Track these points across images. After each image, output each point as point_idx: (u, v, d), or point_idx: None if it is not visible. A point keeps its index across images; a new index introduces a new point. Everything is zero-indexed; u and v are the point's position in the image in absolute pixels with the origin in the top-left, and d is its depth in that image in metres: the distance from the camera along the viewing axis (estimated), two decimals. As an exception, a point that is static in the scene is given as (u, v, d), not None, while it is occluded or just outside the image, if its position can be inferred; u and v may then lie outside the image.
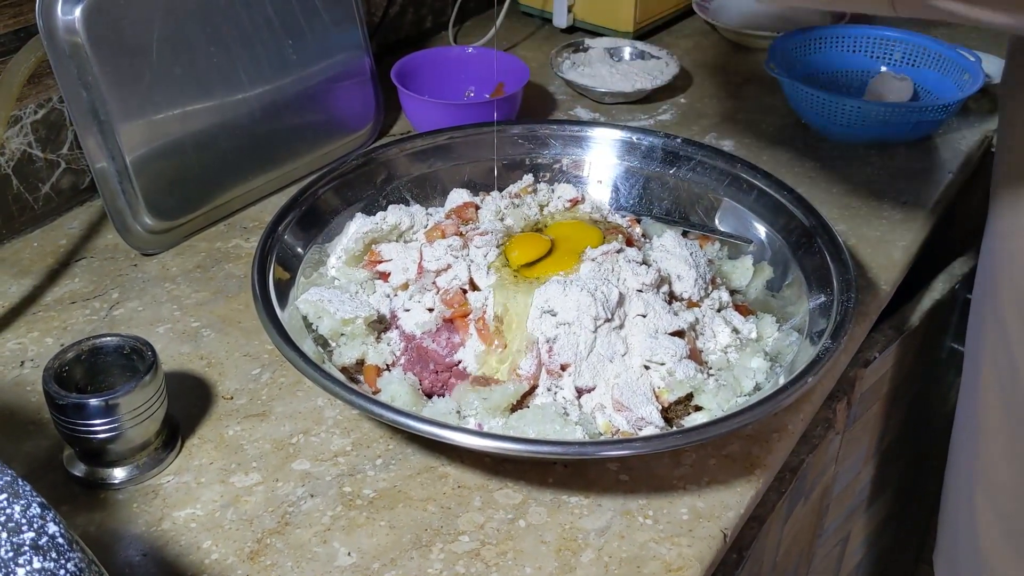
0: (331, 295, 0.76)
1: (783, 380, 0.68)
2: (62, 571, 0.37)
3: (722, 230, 0.88)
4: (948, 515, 0.95)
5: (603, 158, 0.93)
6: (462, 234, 0.80)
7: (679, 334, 0.73)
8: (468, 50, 1.15)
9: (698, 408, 0.71)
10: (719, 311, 0.78)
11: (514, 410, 0.70)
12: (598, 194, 0.92)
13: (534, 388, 0.71)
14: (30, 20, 0.81)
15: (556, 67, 1.19)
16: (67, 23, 0.79)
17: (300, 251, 0.81)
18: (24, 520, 0.37)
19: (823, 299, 0.76)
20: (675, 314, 0.74)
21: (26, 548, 0.37)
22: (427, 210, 0.87)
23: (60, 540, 0.38)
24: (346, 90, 1.03)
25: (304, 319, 0.75)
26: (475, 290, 0.76)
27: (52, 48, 0.79)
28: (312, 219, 0.83)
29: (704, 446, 0.71)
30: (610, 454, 0.66)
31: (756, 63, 1.27)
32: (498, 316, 0.73)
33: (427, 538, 0.64)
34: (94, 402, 0.63)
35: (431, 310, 0.76)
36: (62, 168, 0.92)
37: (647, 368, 0.71)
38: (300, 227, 0.81)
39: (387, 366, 0.75)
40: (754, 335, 0.77)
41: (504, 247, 0.79)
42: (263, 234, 0.78)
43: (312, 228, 0.82)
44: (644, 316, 0.72)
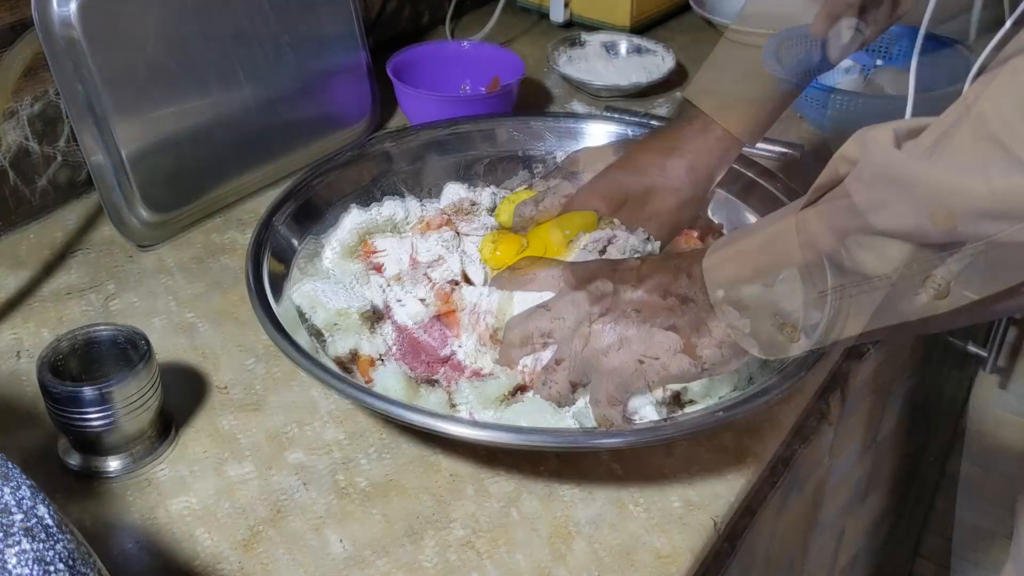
0: (325, 287, 0.76)
1: (776, 375, 0.68)
2: (51, 553, 0.37)
3: (716, 221, 0.88)
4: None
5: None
6: (451, 223, 0.80)
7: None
8: (464, 44, 1.15)
9: (691, 401, 0.71)
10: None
11: (507, 402, 0.70)
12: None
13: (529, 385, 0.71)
14: (26, 14, 0.81)
15: (552, 62, 1.20)
16: (63, 17, 0.80)
17: (295, 243, 0.81)
18: (13, 502, 0.37)
19: (816, 291, 0.76)
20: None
21: (15, 530, 0.37)
22: (422, 202, 0.88)
23: (50, 523, 0.38)
24: (342, 84, 1.03)
25: (298, 310, 0.75)
26: (468, 283, 0.76)
27: (48, 42, 0.80)
28: (307, 211, 0.83)
29: (696, 437, 0.71)
30: (603, 443, 0.66)
31: (752, 58, 1.26)
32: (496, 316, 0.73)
33: (420, 527, 0.64)
34: (88, 391, 0.63)
35: (423, 300, 0.76)
36: (58, 162, 0.92)
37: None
38: (295, 220, 0.81)
39: (380, 357, 0.75)
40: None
41: (480, 247, 0.79)
42: (257, 227, 0.79)
43: (307, 220, 0.83)
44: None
